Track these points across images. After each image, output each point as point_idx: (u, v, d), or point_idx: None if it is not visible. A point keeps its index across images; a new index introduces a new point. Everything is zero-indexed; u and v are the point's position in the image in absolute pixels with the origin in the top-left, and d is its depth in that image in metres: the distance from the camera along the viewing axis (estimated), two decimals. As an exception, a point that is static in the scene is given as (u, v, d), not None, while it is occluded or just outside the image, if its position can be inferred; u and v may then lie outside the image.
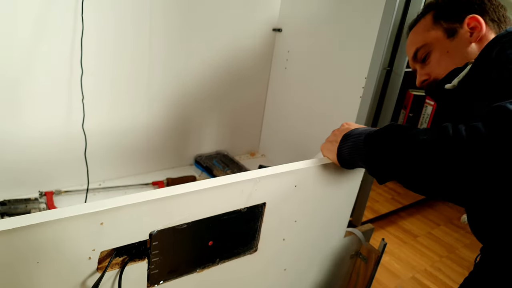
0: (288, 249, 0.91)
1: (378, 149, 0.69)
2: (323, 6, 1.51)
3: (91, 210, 0.59)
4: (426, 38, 0.86)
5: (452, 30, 0.83)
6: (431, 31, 0.85)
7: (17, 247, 0.55)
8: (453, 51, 0.83)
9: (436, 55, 0.85)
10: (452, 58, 0.82)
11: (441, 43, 0.84)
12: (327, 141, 0.86)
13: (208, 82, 1.66)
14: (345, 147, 0.80)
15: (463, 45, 0.81)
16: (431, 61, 0.86)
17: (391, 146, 0.66)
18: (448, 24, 0.83)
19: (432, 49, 0.85)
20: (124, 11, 1.33)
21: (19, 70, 1.21)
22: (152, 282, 0.73)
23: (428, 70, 0.87)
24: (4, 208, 1.25)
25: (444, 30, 0.84)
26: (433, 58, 0.86)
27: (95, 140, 1.43)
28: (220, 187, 0.71)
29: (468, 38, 0.81)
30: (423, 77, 0.88)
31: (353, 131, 0.80)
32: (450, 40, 0.83)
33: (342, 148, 0.80)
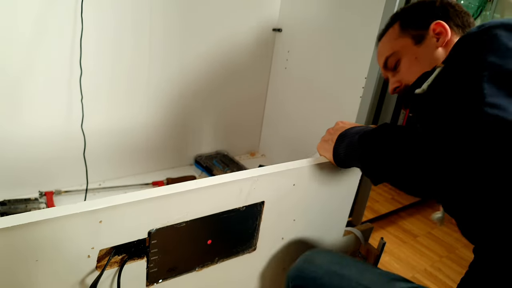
0: (287, 248, 0.91)
1: (371, 149, 0.70)
2: (323, 6, 1.51)
3: (89, 208, 0.59)
4: (394, 46, 0.88)
5: (419, 37, 0.85)
6: (399, 39, 0.87)
7: (16, 245, 0.56)
8: (421, 56, 0.84)
9: (406, 62, 0.87)
10: (421, 63, 0.84)
11: (410, 50, 0.86)
12: (322, 141, 0.88)
13: (208, 82, 1.66)
14: (340, 147, 0.81)
15: (431, 50, 0.83)
16: (401, 68, 0.88)
17: (382, 146, 0.68)
18: (415, 31, 0.85)
19: (401, 56, 0.87)
20: (124, 11, 1.33)
21: (18, 70, 1.22)
22: (151, 280, 0.73)
23: (399, 77, 0.88)
24: (4, 208, 1.26)
25: (411, 37, 0.85)
26: (403, 65, 0.87)
27: (95, 140, 1.43)
28: (218, 185, 0.71)
29: (434, 43, 0.83)
30: (395, 84, 0.89)
31: (348, 130, 0.81)
32: (417, 46, 0.85)
33: (338, 148, 0.81)
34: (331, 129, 0.87)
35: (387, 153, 0.66)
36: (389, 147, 0.66)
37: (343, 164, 0.83)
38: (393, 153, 0.65)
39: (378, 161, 0.68)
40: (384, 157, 0.67)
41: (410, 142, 0.62)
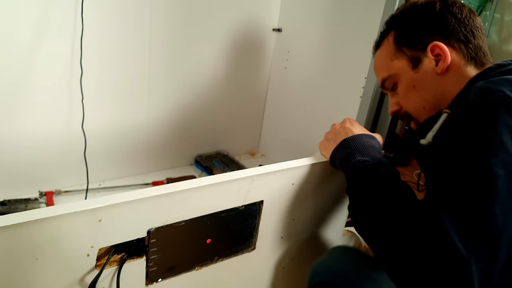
0: (286, 247, 0.92)
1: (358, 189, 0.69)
2: (323, 6, 1.52)
3: (89, 207, 0.59)
4: (390, 68, 0.80)
5: (415, 59, 0.76)
6: (394, 60, 0.79)
7: (16, 244, 0.56)
8: (419, 85, 0.77)
9: (403, 88, 0.79)
10: (419, 93, 0.77)
11: (406, 75, 0.78)
12: (325, 139, 0.85)
13: (208, 82, 1.66)
14: (338, 156, 0.79)
15: (430, 78, 0.75)
16: (399, 93, 0.81)
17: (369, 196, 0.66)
18: (411, 52, 0.77)
19: (398, 80, 0.80)
20: (124, 12, 1.34)
21: (19, 70, 1.22)
22: (151, 279, 0.73)
23: (398, 100, 0.81)
24: (4, 208, 1.26)
25: (408, 59, 0.77)
26: (400, 90, 0.80)
27: (95, 140, 1.43)
28: (217, 184, 0.71)
29: (433, 68, 0.75)
30: (394, 107, 0.83)
31: (353, 141, 0.78)
32: (415, 71, 0.77)
33: (336, 154, 0.79)
34: (337, 126, 0.84)
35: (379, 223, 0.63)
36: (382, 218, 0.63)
37: (336, 168, 0.82)
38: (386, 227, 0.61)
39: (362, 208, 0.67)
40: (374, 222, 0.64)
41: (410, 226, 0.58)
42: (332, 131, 0.84)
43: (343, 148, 0.78)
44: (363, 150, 0.75)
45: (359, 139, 0.78)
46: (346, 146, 0.78)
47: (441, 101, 0.75)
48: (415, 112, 0.79)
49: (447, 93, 0.74)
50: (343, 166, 0.76)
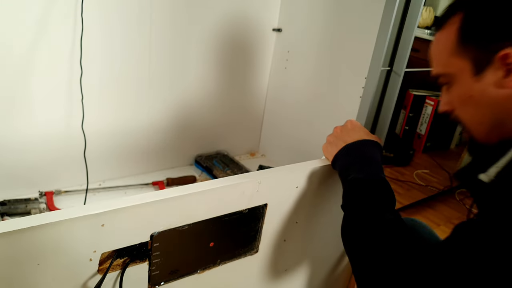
0: (289, 250, 0.91)
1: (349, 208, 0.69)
2: (323, 6, 1.51)
3: (92, 212, 0.59)
4: (448, 66, 0.65)
5: (480, 63, 0.60)
6: (455, 57, 0.63)
7: (18, 249, 0.55)
8: (478, 97, 0.62)
9: (459, 93, 0.65)
10: (478, 106, 0.63)
11: (465, 81, 0.63)
12: (328, 142, 0.85)
13: (208, 82, 1.65)
14: (338, 164, 0.78)
15: (493, 92, 0.59)
16: (453, 96, 0.66)
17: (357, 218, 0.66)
18: (477, 52, 0.60)
19: (454, 82, 0.65)
20: (125, 12, 1.33)
21: (19, 70, 1.21)
22: (153, 283, 0.73)
23: (451, 100, 0.67)
24: (4, 208, 1.25)
25: (471, 61, 0.61)
26: (455, 93, 0.66)
27: (95, 140, 1.43)
28: (221, 188, 0.71)
29: (500, 80, 0.58)
30: (446, 107, 0.69)
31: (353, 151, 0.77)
32: (476, 79, 0.61)
33: (337, 161, 0.79)
34: (338, 130, 0.83)
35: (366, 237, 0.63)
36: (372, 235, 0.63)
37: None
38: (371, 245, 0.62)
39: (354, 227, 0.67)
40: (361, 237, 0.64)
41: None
42: (334, 134, 0.84)
43: (343, 157, 0.78)
44: (362, 163, 0.74)
45: (360, 149, 0.77)
46: (346, 154, 0.77)
47: (507, 123, 0.61)
48: (469, 125, 0.67)
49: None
50: (341, 177, 0.77)
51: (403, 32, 1.36)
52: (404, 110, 2.42)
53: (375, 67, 1.34)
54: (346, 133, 0.81)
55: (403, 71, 1.41)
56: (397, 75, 1.42)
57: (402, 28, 1.36)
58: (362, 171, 0.72)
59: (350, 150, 0.77)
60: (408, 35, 1.36)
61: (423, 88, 2.42)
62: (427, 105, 2.38)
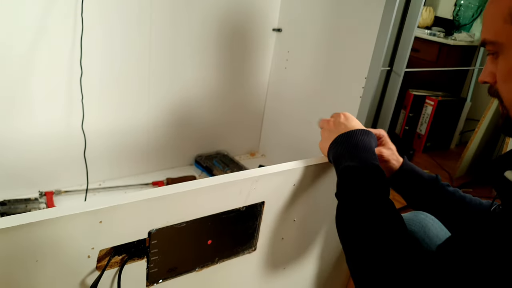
0: (287, 248, 0.91)
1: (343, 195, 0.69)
2: (323, 6, 1.51)
3: (90, 209, 0.59)
4: (498, 33, 0.58)
5: None
6: (508, 24, 0.56)
7: (16, 246, 0.56)
8: None
9: (505, 67, 0.59)
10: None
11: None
12: (322, 138, 0.84)
13: (208, 82, 1.66)
14: (332, 153, 0.78)
15: None
16: (499, 68, 0.60)
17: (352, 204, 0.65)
18: None
19: (502, 53, 0.59)
20: (124, 12, 1.33)
21: (19, 70, 1.22)
22: (151, 281, 0.73)
23: (495, 71, 0.61)
24: (4, 208, 1.26)
25: None
26: (501, 66, 0.60)
27: (95, 140, 1.43)
28: (218, 185, 0.71)
29: None
30: (486, 78, 0.63)
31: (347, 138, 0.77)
32: None
33: (330, 151, 0.78)
34: (331, 123, 0.82)
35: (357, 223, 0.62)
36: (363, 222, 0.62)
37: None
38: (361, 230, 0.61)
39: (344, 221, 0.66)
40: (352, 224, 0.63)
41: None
42: (327, 128, 0.83)
43: (335, 147, 0.77)
44: (354, 151, 0.74)
45: (351, 138, 0.76)
46: (338, 144, 0.77)
47: None
48: (509, 103, 0.61)
49: None
50: (335, 166, 0.76)
51: (403, 32, 1.37)
52: (404, 110, 2.42)
53: (375, 67, 1.34)
54: (338, 125, 0.81)
55: (403, 71, 1.42)
56: (397, 75, 1.43)
57: (402, 28, 1.36)
58: (354, 159, 0.72)
59: (342, 139, 0.77)
60: (408, 35, 1.37)
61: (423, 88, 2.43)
62: (427, 105, 2.38)
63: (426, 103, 2.40)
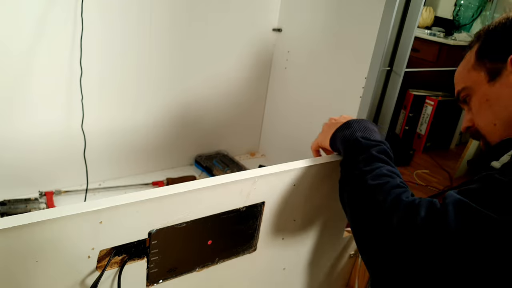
0: (287, 249, 0.91)
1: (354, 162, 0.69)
2: (323, 6, 1.51)
3: (90, 209, 0.59)
4: (466, 80, 0.75)
5: (494, 71, 0.69)
6: (472, 72, 0.73)
7: (16, 246, 0.55)
8: (493, 99, 0.70)
9: (476, 103, 0.73)
10: (492, 108, 0.70)
11: (481, 88, 0.71)
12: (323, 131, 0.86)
13: (208, 82, 1.66)
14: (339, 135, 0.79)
15: (506, 92, 0.67)
16: (472, 108, 0.75)
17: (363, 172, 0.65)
18: (491, 64, 0.70)
19: (472, 94, 0.74)
20: (124, 12, 1.33)
21: (18, 70, 1.22)
22: (152, 281, 0.73)
23: (472, 116, 0.75)
24: (4, 208, 1.26)
25: (486, 71, 0.70)
26: (473, 104, 0.74)
27: (95, 140, 1.43)
28: (219, 186, 0.71)
29: (510, 83, 0.67)
30: (467, 124, 0.77)
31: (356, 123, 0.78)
32: (491, 84, 0.70)
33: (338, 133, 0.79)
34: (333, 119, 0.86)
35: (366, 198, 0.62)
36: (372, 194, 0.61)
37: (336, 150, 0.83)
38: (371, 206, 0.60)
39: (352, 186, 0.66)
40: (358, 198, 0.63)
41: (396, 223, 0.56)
42: (330, 122, 0.86)
43: (346, 129, 0.78)
44: (366, 131, 0.75)
45: (363, 122, 0.78)
46: (349, 126, 0.78)
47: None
48: (485, 129, 0.73)
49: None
50: (344, 143, 0.76)
51: (403, 32, 1.36)
52: (404, 110, 2.42)
53: (375, 67, 1.34)
54: (344, 118, 0.83)
55: (403, 71, 1.41)
56: (397, 75, 1.42)
57: (402, 28, 1.36)
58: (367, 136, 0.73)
59: (353, 123, 0.78)
60: (408, 35, 1.36)
61: (423, 88, 2.42)
62: (427, 105, 2.38)
63: (426, 103, 2.40)
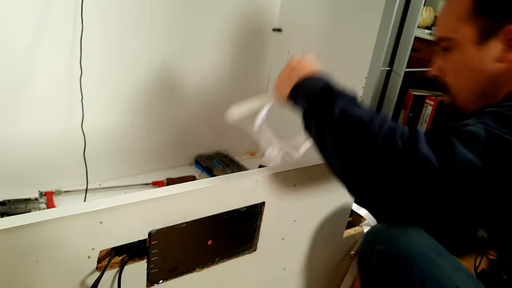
0: (288, 249, 0.91)
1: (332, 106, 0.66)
2: (323, 6, 1.51)
3: (90, 209, 0.59)
4: (453, 31, 0.68)
5: (486, 33, 0.64)
6: (461, 24, 0.66)
7: (17, 246, 0.56)
8: (475, 66, 0.66)
9: (456, 60, 0.69)
10: (471, 75, 0.67)
11: (466, 47, 0.66)
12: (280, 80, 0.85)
13: (207, 82, 1.65)
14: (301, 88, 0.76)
15: (488, 61, 0.64)
16: (450, 62, 0.70)
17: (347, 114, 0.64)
18: (487, 23, 0.63)
19: (455, 48, 0.68)
20: (124, 12, 1.33)
21: (18, 70, 1.22)
22: (152, 281, 0.73)
23: (444, 67, 0.71)
24: (4, 208, 1.25)
25: (478, 29, 0.64)
26: (452, 60, 0.70)
27: (95, 140, 1.43)
28: (219, 186, 0.71)
29: (498, 52, 0.63)
30: (437, 72, 0.73)
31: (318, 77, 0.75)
32: (477, 48, 0.65)
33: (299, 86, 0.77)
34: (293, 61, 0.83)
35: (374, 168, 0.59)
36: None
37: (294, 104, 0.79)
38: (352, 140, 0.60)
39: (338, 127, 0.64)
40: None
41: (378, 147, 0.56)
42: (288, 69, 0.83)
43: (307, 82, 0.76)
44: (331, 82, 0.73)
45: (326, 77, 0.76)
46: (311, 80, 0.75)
47: (490, 93, 0.67)
48: (457, 92, 0.71)
49: (501, 87, 0.65)
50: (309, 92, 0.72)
51: (403, 32, 1.36)
52: (404, 110, 2.42)
53: (375, 67, 1.34)
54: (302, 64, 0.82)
55: (403, 71, 1.41)
56: (397, 75, 1.42)
57: (402, 28, 1.36)
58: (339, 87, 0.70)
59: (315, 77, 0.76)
60: (408, 35, 1.36)
61: (423, 88, 2.42)
62: (427, 105, 2.38)
63: (426, 103, 2.40)
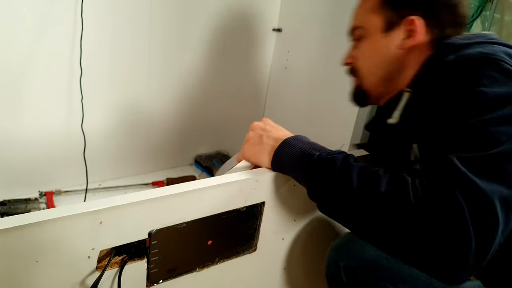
0: (288, 249, 0.91)
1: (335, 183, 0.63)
2: (323, 5, 1.51)
3: (90, 209, 0.59)
4: (364, 21, 0.78)
5: (390, 23, 0.74)
6: (373, 15, 0.76)
7: (16, 246, 0.55)
8: (380, 51, 0.76)
9: (366, 47, 0.78)
10: (378, 58, 0.76)
11: (374, 36, 0.76)
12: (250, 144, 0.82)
13: (208, 82, 1.66)
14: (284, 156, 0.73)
15: (392, 48, 0.74)
16: (360, 49, 0.79)
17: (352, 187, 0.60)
18: (392, 14, 0.73)
19: (365, 36, 0.78)
20: (124, 12, 1.33)
21: (18, 70, 1.22)
22: (152, 281, 0.73)
23: (356, 54, 0.80)
24: (4, 208, 1.25)
25: (384, 20, 0.74)
26: (362, 47, 0.79)
27: (95, 140, 1.43)
28: (219, 186, 0.71)
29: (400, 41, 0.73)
30: (349, 60, 0.82)
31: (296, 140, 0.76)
32: (383, 35, 0.75)
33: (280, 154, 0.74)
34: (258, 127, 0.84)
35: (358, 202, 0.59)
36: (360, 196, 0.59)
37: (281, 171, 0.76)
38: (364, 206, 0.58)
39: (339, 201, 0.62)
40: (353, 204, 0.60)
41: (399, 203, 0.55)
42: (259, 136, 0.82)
43: (288, 148, 0.74)
44: (315, 146, 0.72)
45: (302, 139, 0.78)
46: (291, 145, 0.74)
47: (394, 76, 0.76)
48: (364, 74, 0.80)
49: (402, 70, 0.75)
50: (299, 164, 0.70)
51: None
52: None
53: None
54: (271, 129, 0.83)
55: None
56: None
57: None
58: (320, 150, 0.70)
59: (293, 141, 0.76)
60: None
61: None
62: (427, 105, 2.38)
63: (426, 103, 2.39)
